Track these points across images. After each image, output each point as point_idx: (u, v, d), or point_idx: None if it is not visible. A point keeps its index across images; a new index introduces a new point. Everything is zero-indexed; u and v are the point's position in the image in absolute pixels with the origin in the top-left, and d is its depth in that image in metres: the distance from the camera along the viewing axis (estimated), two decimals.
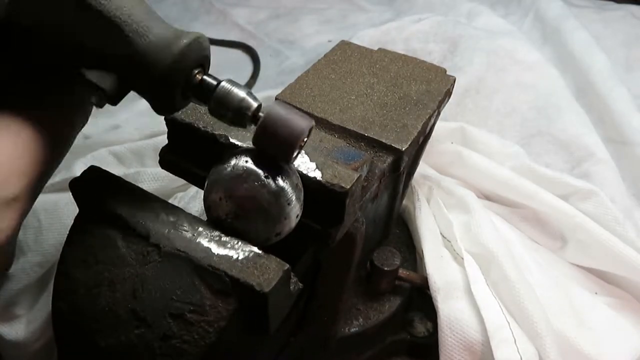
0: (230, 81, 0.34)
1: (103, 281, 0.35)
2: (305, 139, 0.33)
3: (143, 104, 0.67)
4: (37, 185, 0.39)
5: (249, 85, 1.03)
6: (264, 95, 0.83)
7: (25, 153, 0.36)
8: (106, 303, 0.34)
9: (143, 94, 0.35)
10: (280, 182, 0.34)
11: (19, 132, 0.36)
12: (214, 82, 0.34)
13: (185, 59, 0.33)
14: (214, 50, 0.36)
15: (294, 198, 0.34)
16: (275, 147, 0.33)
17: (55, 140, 0.39)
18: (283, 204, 0.34)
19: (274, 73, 1.09)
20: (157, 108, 0.36)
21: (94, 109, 0.40)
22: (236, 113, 0.33)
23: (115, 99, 0.35)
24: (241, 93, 0.33)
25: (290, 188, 0.34)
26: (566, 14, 1.09)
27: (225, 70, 1.09)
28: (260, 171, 0.33)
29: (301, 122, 0.32)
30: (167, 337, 0.33)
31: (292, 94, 0.52)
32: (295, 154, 0.33)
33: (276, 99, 0.52)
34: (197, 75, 0.34)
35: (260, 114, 0.33)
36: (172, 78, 0.33)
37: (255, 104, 0.33)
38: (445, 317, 0.56)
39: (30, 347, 0.62)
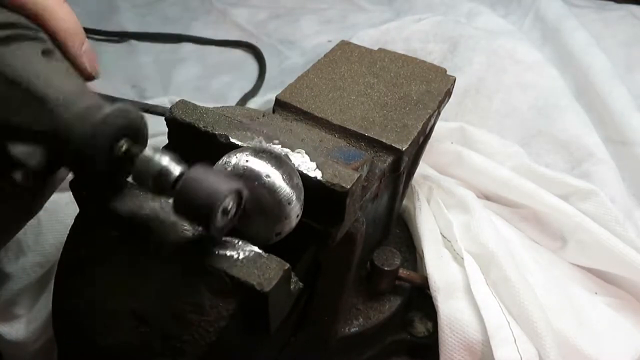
0: (155, 148, 0.32)
1: (103, 281, 0.35)
2: (230, 205, 0.31)
3: None
4: None
5: (257, 87, 1.02)
6: (264, 98, 0.84)
7: None
8: (106, 303, 0.34)
9: (70, 168, 0.34)
10: (281, 182, 0.34)
11: None
12: (136, 152, 0.32)
13: (100, 132, 0.31)
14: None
15: (294, 198, 0.34)
16: (193, 214, 0.30)
17: None
18: (283, 204, 0.34)
19: (274, 73, 1.09)
20: (80, 181, 0.34)
21: None
22: (156, 181, 0.31)
23: (42, 177, 0.33)
24: (163, 160, 0.31)
25: (290, 188, 0.34)
26: (566, 14, 1.09)
27: (229, 70, 1.09)
28: (260, 171, 0.33)
29: (220, 185, 0.30)
30: (167, 337, 0.33)
31: (292, 94, 0.52)
32: (217, 221, 0.30)
33: (276, 99, 0.52)
34: (123, 147, 0.33)
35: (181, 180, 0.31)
36: (87, 152, 0.32)
37: (177, 171, 0.31)
38: (446, 317, 0.56)
39: (30, 347, 0.62)
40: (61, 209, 0.65)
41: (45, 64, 0.35)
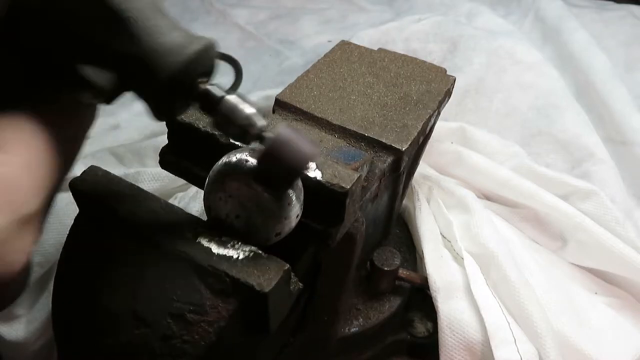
0: (237, 94, 0.33)
1: (103, 281, 0.35)
2: (312, 165, 0.33)
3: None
4: (53, 195, 0.35)
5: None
6: (263, 95, 0.83)
7: (41, 162, 0.33)
8: (106, 303, 0.34)
9: (142, 97, 0.33)
10: None
11: (32, 138, 0.33)
12: (219, 94, 0.33)
13: (194, 67, 0.32)
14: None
15: (294, 198, 0.34)
16: (279, 172, 0.32)
17: (69, 144, 0.37)
18: (283, 204, 0.34)
19: (274, 74, 1.09)
20: (156, 113, 0.34)
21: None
22: (242, 130, 0.32)
23: (110, 98, 0.33)
24: (248, 109, 0.32)
25: (290, 188, 0.34)
26: (566, 14, 1.09)
27: (229, 71, 1.09)
28: None
29: (309, 150, 0.31)
30: (167, 337, 0.33)
31: (291, 94, 0.52)
32: (294, 181, 0.32)
33: (276, 99, 0.52)
34: (202, 84, 0.33)
35: (266, 133, 0.32)
36: (178, 85, 0.31)
37: (261, 123, 0.32)
38: (445, 317, 0.56)
39: (30, 347, 0.62)
40: (61, 209, 0.65)
41: None
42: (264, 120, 0.32)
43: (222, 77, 0.34)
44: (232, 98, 0.32)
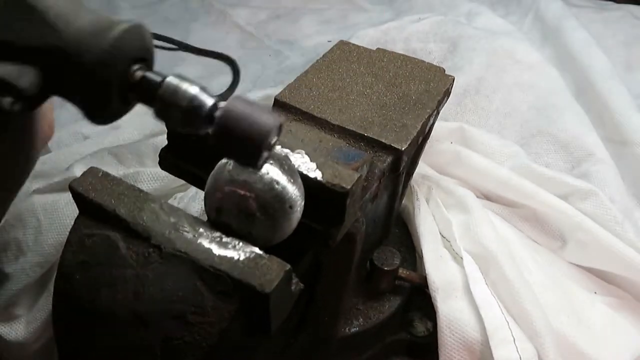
0: (178, 76, 0.29)
1: (104, 282, 0.35)
2: (275, 139, 0.29)
3: None
4: None
5: (224, 98, 1.02)
6: (263, 95, 0.83)
7: None
8: (107, 304, 0.34)
9: (71, 97, 0.29)
10: (282, 182, 0.34)
11: None
12: (158, 79, 0.29)
13: (119, 51, 0.28)
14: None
15: (295, 198, 0.34)
16: (238, 150, 0.28)
17: None
18: (284, 205, 0.34)
19: (274, 73, 1.09)
20: (91, 113, 0.29)
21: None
22: (187, 113, 0.28)
23: (33, 101, 0.29)
24: (192, 89, 0.28)
25: (291, 188, 0.34)
26: (566, 14, 1.09)
27: (229, 71, 1.09)
28: (261, 172, 0.33)
29: (268, 119, 0.27)
30: (168, 339, 0.33)
31: (291, 94, 0.52)
32: (263, 157, 0.28)
33: (275, 99, 0.52)
34: (138, 72, 0.29)
35: (217, 113, 0.28)
36: (103, 73, 0.28)
37: (210, 102, 0.28)
38: (445, 317, 0.56)
39: (30, 347, 0.62)
40: (61, 209, 0.65)
41: None
42: (212, 98, 0.28)
43: (221, 77, 0.34)
44: (172, 79, 0.29)
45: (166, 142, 0.44)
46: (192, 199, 0.69)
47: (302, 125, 0.48)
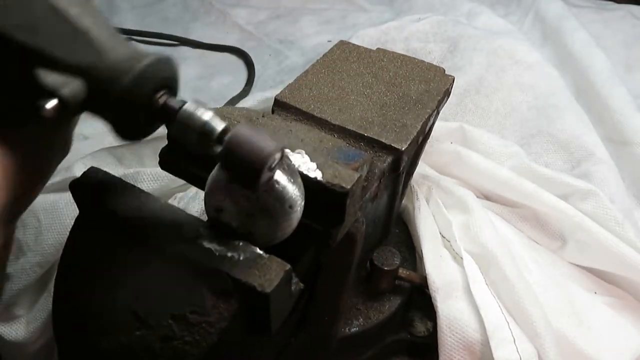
0: (196, 102, 0.32)
1: (103, 282, 0.35)
2: (275, 163, 0.31)
3: None
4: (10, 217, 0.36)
5: (245, 92, 1.02)
6: (263, 95, 0.84)
7: None
8: (107, 304, 0.34)
9: (103, 114, 0.33)
10: (282, 182, 0.34)
11: None
12: (178, 104, 0.32)
13: (145, 81, 0.31)
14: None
15: (295, 198, 0.34)
16: (241, 171, 0.31)
17: (32, 173, 0.37)
18: (285, 205, 0.34)
19: (274, 73, 1.09)
20: (119, 131, 0.33)
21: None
22: (201, 136, 0.31)
23: (74, 110, 0.32)
24: (206, 115, 0.31)
25: (292, 189, 0.34)
26: (566, 14, 1.09)
27: (229, 71, 1.09)
28: None
29: (269, 144, 0.30)
30: (168, 339, 0.33)
31: (291, 94, 0.52)
32: (262, 178, 0.31)
33: (275, 99, 0.52)
34: (161, 99, 0.32)
35: (227, 136, 0.31)
36: (131, 100, 0.31)
37: (220, 126, 0.31)
38: (445, 317, 0.56)
39: (30, 347, 0.62)
40: (61, 209, 0.65)
41: (89, 4, 0.34)
42: (223, 123, 0.32)
43: (221, 77, 0.34)
44: (189, 105, 0.32)
45: (166, 143, 0.44)
46: (192, 199, 0.69)
47: (302, 125, 0.48)
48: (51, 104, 0.30)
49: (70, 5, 0.32)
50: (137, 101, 0.32)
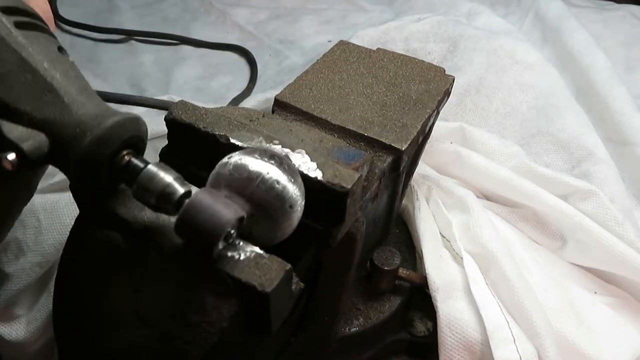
0: (159, 164, 0.32)
1: (104, 282, 0.35)
2: (233, 231, 0.31)
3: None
4: None
5: (249, 89, 1.02)
6: (263, 95, 0.84)
7: None
8: (107, 304, 0.34)
9: (66, 169, 0.33)
10: (282, 182, 0.34)
11: None
12: (141, 165, 0.32)
13: (109, 141, 0.31)
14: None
15: (295, 198, 0.34)
16: (195, 239, 0.30)
17: None
18: (285, 204, 0.34)
19: (274, 73, 1.09)
20: (76, 190, 0.33)
21: None
22: (160, 199, 0.31)
23: (35, 163, 0.31)
24: (167, 178, 0.31)
25: (292, 188, 0.34)
26: (566, 14, 1.09)
27: (229, 71, 1.09)
28: (264, 173, 0.33)
29: (226, 213, 0.29)
30: (168, 338, 0.33)
31: (291, 94, 0.52)
32: (217, 248, 0.31)
33: (275, 99, 0.52)
34: (125, 157, 0.32)
35: (187, 201, 0.30)
36: (92, 159, 0.31)
37: (181, 191, 0.31)
38: (445, 317, 0.56)
39: (30, 347, 0.62)
40: (61, 209, 0.65)
41: (61, 58, 0.34)
42: (184, 187, 0.31)
43: (220, 77, 0.34)
44: (151, 167, 0.31)
45: (166, 142, 0.44)
46: None
47: (303, 125, 0.48)
48: (12, 156, 0.30)
49: (40, 59, 0.32)
50: (98, 161, 0.31)
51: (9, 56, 0.31)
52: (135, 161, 0.32)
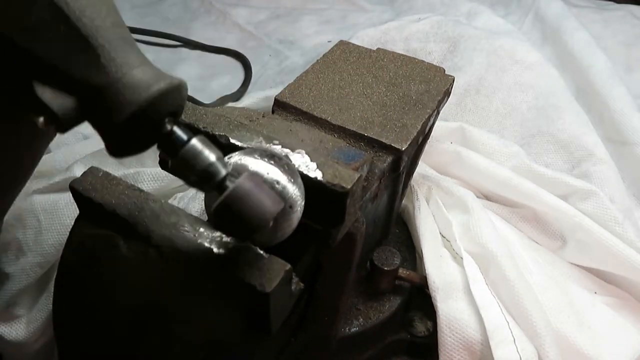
0: (203, 140, 0.31)
1: (103, 282, 0.35)
2: (271, 223, 0.31)
3: None
4: None
5: (240, 92, 1.02)
6: (263, 95, 0.84)
7: None
8: (107, 304, 0.34)
9: (100, 130, 0.31)
10: (282, 182, 0.34)
11: None
12: (184, 138, 0.30)
13: (158, 107, 0.30)
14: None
15: (295, 198, 0.34)
16: (235, 226, 0.30)
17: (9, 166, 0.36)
18: (285, 205, 0.34)
19: (274, 73, 1.09)
20: (112, 149, 0.31)
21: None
22: (200, 177, 0.30)
23: (65, 127, 0.30)
24: (211, 157, 0.30)
25: (292, 189, 0.34)
26: (566, 14, 1.09)
27: (229, 71, 1.09)
28: (264, 174, 0.33)
29: (270, 205, 0.29)
30: (168, 338, 0.33)
31: (291, 94, 0.52)
32: (255, 237, 0.30)
33: (276, 99, 0.52)
34: (168, 125, 0.31)
35: (227, 183, 0.30)
36: (140, 123, 0.30)
37: (223, 172, 0.30)
38: (445, 317, 0.56)
39: (30, 347, 0.62)
40: (61, 209, 0.65)
41: (114, 16, 0.32)
42: (226, 169, 0.30)
43: (220, 77, 0.34)
44: (196, 143, 0.30)
45: None
46: (192, 199, 0.69)
47: (303, 125, 0.48)
48: (44, 119, 0.30)
49: (88, 18, 0.30)
50: (143, 127, 0.30)
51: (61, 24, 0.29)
52: (179, 132, 0.31)
